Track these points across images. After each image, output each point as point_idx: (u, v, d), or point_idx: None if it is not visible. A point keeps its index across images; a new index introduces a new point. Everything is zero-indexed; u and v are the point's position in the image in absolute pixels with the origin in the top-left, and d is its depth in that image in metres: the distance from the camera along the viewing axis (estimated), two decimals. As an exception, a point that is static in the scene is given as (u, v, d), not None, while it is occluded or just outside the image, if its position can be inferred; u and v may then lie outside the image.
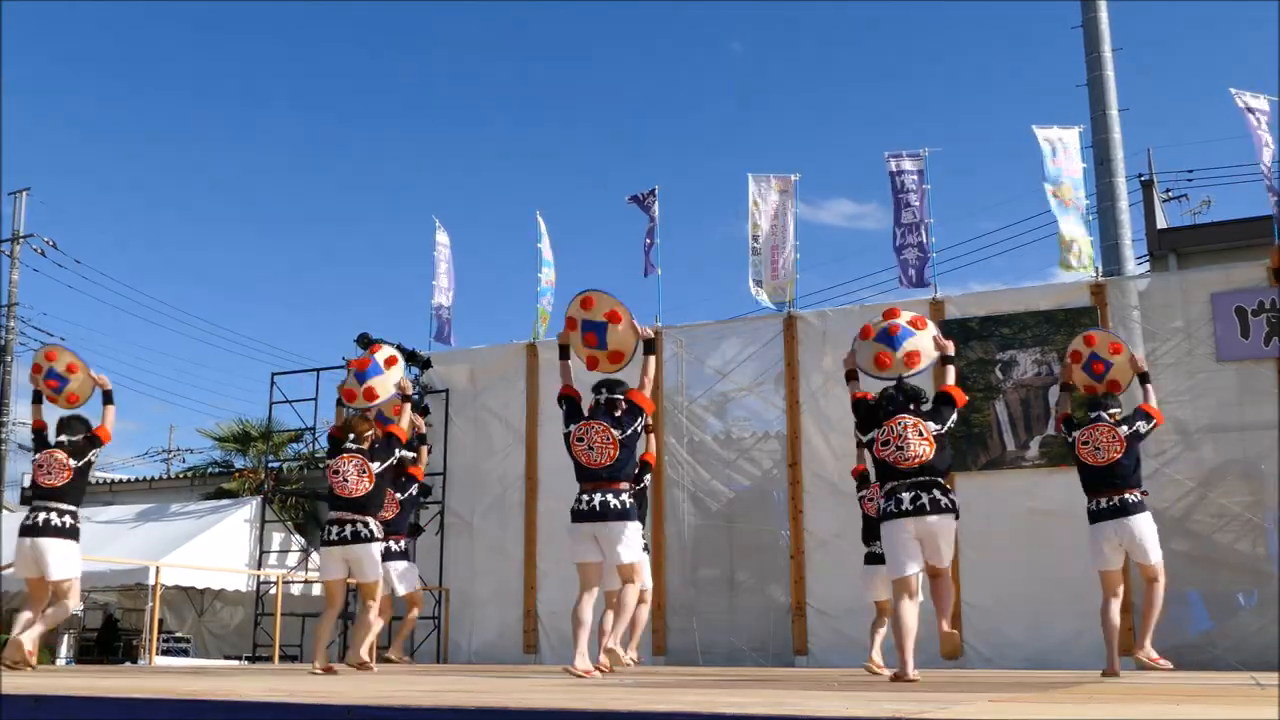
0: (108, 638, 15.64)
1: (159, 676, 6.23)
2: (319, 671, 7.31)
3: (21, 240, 23.14)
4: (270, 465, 16.55)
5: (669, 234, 48.43)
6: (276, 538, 15.15)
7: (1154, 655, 7.52)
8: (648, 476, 8.70)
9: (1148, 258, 17.66)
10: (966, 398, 6.92)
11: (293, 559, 15.23)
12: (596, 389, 7.01)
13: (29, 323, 23.55)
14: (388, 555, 8.97)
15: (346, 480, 7.69)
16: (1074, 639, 10.55)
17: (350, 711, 2.97)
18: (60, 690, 3.67)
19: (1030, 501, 11.30)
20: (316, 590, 15.09)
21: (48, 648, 13.73)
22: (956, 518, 6.49)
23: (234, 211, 62.72)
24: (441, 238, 14.85)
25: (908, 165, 12.56)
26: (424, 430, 10.14)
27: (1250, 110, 11.45)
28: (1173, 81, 61.47)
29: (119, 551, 13.45)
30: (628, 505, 6.75)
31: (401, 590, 9.27)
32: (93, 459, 8.24)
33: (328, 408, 12.18)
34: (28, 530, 7.86)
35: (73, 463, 8.01)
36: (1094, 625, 10.96)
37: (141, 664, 12.37)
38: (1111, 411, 7.71)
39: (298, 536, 15.57)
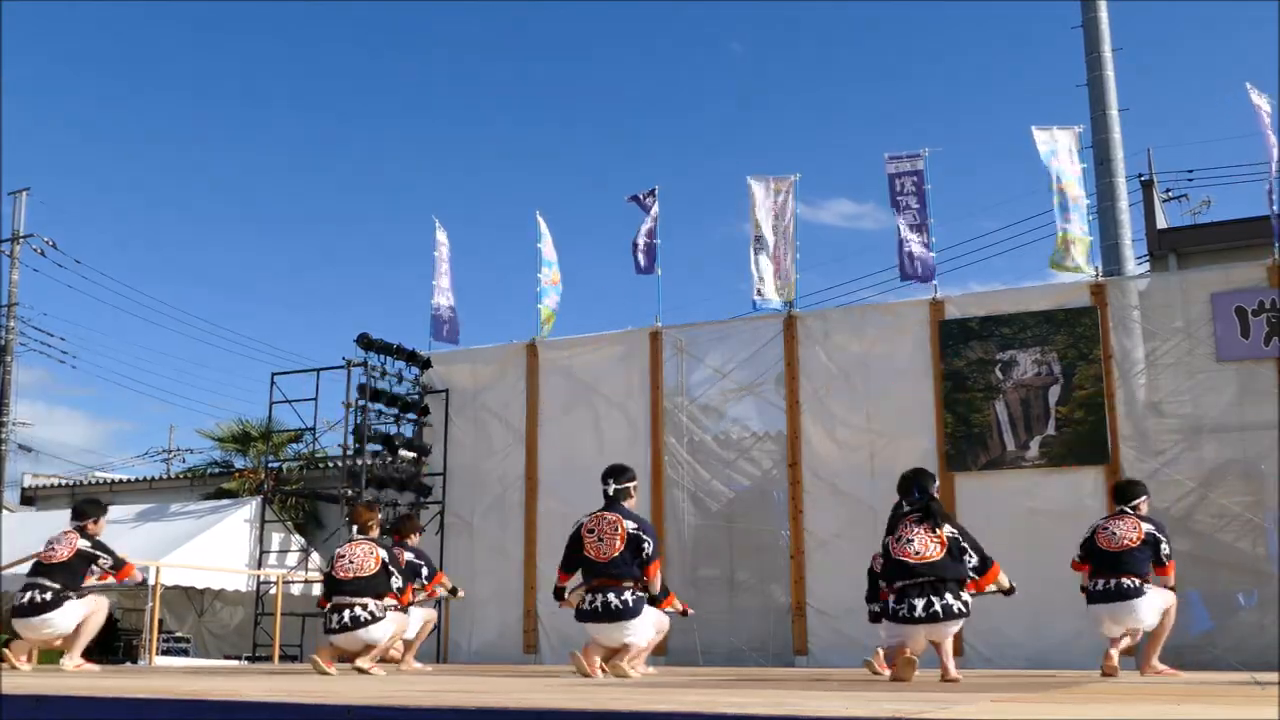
0: (108, 638, 15.60)
1: (159, 676, 6.23)
2: (319, 660, 7.25)
3: (21, 240, 23.13)
4: (270, 465, 16.54)
5: (669, 234, 48.42)
6: (276, 538, 15.14)
7: (1160, 668, 7.53)
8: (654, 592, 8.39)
9: (1148, 258, 17.67)
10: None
11: (293, 559, 15.22)
12: (604, 479, 6.95)
13: (29, 323, 23.57)
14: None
15: (351, 562, 7.50)
16: (1074, 639, 10.54)
17: (350, 711, 2.97)
18: (60, 690, 3.67)
19: (1030, 501, 11.30)
20: (316, 590, 15.08)
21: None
22: (968, 617, 6.27)
23: (234, 211, 62.77)
24: (442, 237, 14.85)
25: (908, 166, 12.57)
26: (453, 592, 10.24)
27: (1260, 109, 11.47)
28: (1173, 81, 61.50)
29: (119, 551, 13.43)
30: (630, 603, 6.61)
31: (412, 634, 9.12)
32: (99, 560, 8.31)
33: (328, 408, 12.19)
34: (17, 612, 8.10)
35: (81, 544, 8.16)
36: (1094, 625, 10.99)
37: (141, 664, 12.36)
38: (1135, 504, 7.67)
39: (298, 536, 15.56)
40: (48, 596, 7.98)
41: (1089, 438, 11.36)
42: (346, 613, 7.41)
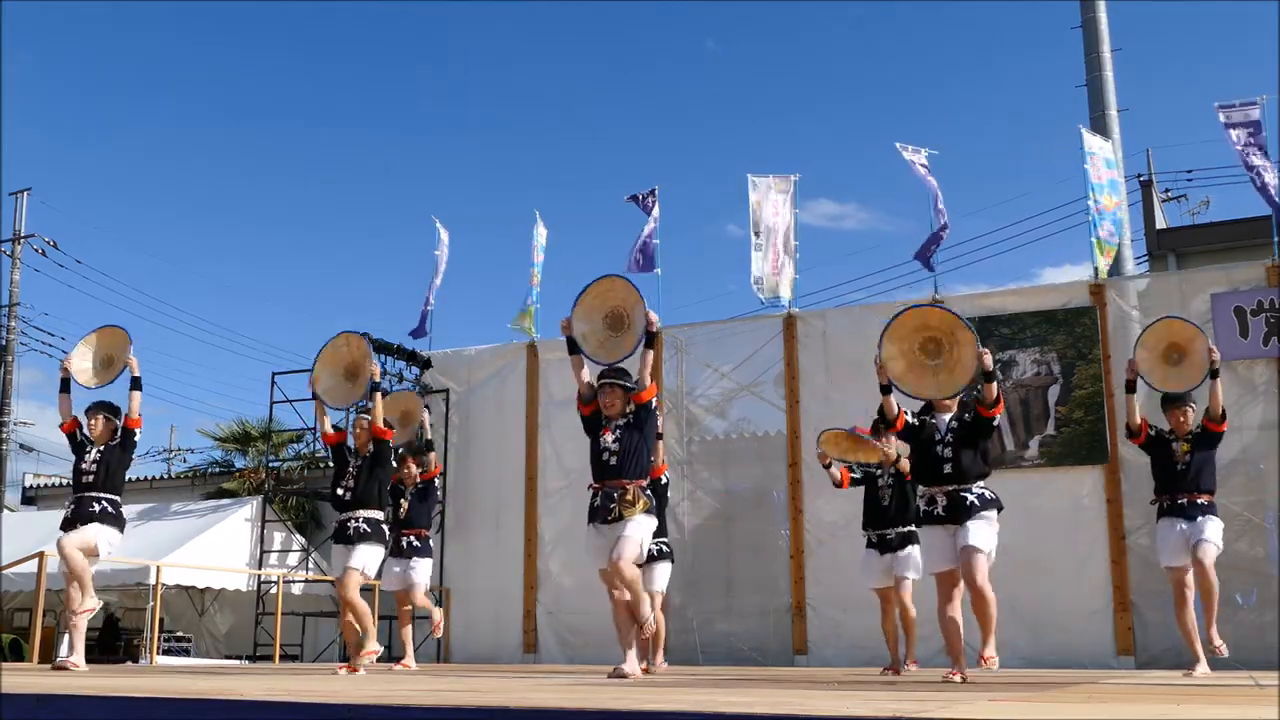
0: (108, 637, 15.63)
1: (160, 676, 6.23)
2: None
3: (21, 240, 23.12)
4: (270, 465, 16.54)
5: (669, 234, 48.42)
6: (277, 537, 15.14)
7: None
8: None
9: (1147, 258, 17.69)
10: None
11: (293, 559, 15.22)
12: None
13: (29, 323, 23.53)
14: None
15: None
16: (1074, 639, 10.54)
17: (350, 711, 2.98)
18: (61, 689, 3.67)
19: (1030, 501, 11.29)
20: (316, 590, 15.09)
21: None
22: None
23: (234, 211, 62.78)
24: (442, 236, 14.85)
25: (918, 158, 12.59)
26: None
27: (1230, 130, 11.47)
28: (1172, 81, 61.50)
29: (120, 551, 13.44)
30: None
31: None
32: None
33: (328, 407, 12.09)
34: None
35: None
36: (1094, 625, 11.00)
37: (142, 663, 12.36)
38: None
39: (298, 536, 15.56)
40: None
41: (1088, 437, 11.37)
42: None
